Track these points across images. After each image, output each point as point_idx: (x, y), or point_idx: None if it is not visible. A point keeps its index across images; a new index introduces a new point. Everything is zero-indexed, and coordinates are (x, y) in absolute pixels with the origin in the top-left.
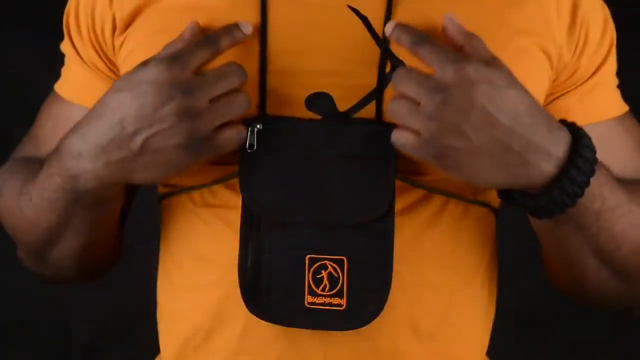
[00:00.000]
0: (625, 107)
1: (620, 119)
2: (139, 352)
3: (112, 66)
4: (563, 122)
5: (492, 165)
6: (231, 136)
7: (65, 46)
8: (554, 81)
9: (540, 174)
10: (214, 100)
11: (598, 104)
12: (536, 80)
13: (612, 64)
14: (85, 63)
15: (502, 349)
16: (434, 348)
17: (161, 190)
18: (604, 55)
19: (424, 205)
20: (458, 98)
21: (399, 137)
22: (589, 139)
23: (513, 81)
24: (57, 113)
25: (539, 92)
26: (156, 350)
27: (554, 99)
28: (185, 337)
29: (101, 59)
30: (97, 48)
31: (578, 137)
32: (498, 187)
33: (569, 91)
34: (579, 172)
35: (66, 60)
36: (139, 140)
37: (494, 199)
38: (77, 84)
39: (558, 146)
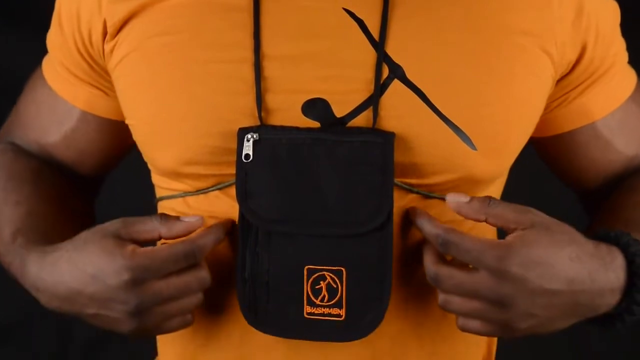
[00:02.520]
0: (634, 79)
1: (632, 96)
2: (138, 352)
3: (98, 68)
4: (607, 234)
5: (563, 320)
6: (177, 325)
7: (48, 40)
8: (568, 75)
9: (608, 306)
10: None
11: (616, 91)
12: (537, 79)
13: (623, 43)
14: (66, 67)
15: (505, 349)
16: (435, 351)
17: (158, 193)
18: (618, 43)
19: (424, 208)
20: (517, 296)
21: (465, 325)
22: (639, 247)
23: (550, 243)
24: (41, 98)
25: (541, 91)
26: (156, 350)
27: (575, 98)
28: (183, 342)
29: (85, 60)
30: (82, 51)
31: (628, 250)
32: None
33: (588, 86)
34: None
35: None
36: (89, 311)
37: (498, 186)
38: (62, 77)
39: (618, 278)
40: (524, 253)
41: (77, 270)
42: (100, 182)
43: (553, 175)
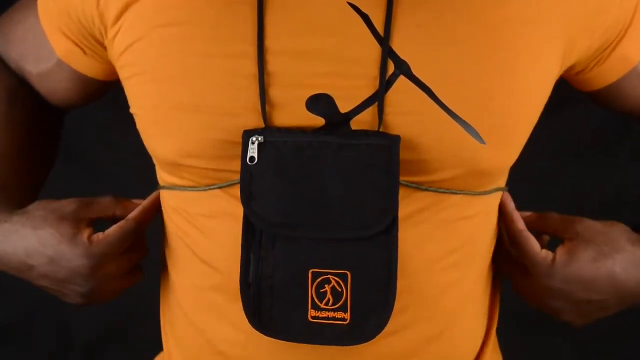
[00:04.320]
0: None
1: None
2: (139, 352)
3: (86, 33)
4: None
5: (618, 309)
6: (117, 295)
7: None
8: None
9: None
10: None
11: None
12: (542, 67)
13: None
14: (54, 15)
15: (509, 348)
16: (442, 346)
17: (161, 183)
18: None
19: (431, 206)
20: (564, 307)
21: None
22: None
23: (592, 260)
24: (30, 27)
25: (547, 78)
26: (156, 350)
27: (611, 52)
28: (189, 339)
29: (73, 22)
30: (73, 16)
31: None
32: None
33: (621, 38)
34: None
35: None
36: (39, 283)
37: (502, 182)
38: (51, 20)
39: None
40: (567, 272)
41: (33, 249)
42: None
43: (553, 175)
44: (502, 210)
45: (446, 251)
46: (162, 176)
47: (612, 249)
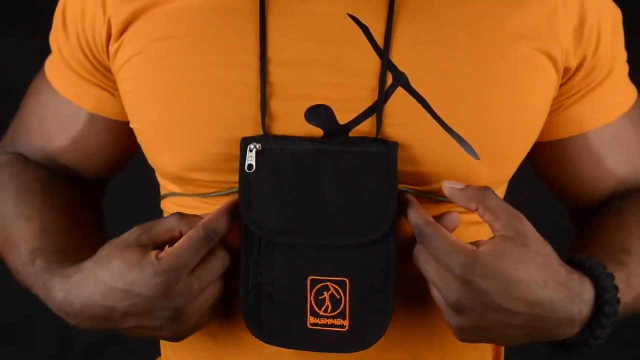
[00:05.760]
0: (634, 96)
1: (629, 113)
2: (138, 355)
3: (102, 69)
4: (581, 262)
5: (517, 338)
6: (211, 317)
7: (52, 39)
8: (566, 83)
9: (565, 335)
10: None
11: (612, 104)
12: (541, 86)
13: (623, 55)
14: (70, 67)
15: (509, 348)
16: (445, 351)
17: (163, 191)
18: (617, 50)
19: (429, 211)
20: (472, 307)
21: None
22: (610, 282)
23: (520, 261)
24: (45, 103)
25: (544, 97)
26: (156, 353)
27: (570, 105)
28: (189, 346)
29: (88, 59)
30: (86, 50)
31: (599, 283)
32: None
33: (584, 95)
34: (603, 329)
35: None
36: (126, 325)
37: (500, 193)
38: (67, 78)
39: (581, 312)
40: (490, 265)
41: (107, 288)
42: (105, 185)
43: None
44: (405, 207)
45: None
46: (164, 184)
47: (542, 261)
